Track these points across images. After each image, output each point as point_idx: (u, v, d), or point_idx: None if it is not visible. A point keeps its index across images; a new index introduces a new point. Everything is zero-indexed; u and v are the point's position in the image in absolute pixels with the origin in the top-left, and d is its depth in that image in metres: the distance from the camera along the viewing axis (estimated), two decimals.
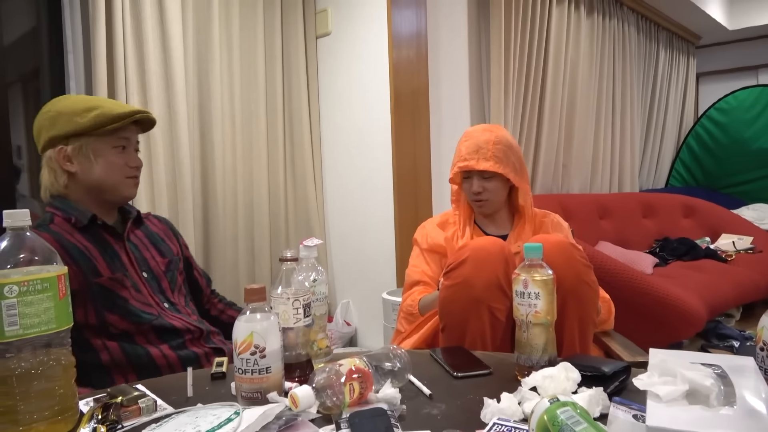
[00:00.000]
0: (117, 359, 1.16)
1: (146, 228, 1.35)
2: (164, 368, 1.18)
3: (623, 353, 1.37)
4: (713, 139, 4.73)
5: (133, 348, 1.17)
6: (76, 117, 1.17)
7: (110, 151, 1.21)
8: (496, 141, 1.48)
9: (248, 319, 0.84)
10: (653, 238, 3.78)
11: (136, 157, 1.28)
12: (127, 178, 1.25)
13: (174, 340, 1.21)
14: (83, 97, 1.24)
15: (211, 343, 1.27)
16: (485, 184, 1.50)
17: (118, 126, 1.20)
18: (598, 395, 0.79)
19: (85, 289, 1.14)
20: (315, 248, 1.04)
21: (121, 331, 1.17)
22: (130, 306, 1.18)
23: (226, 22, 2.44)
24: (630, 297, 2.27)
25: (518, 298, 0.95)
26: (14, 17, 2.06)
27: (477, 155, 1.48)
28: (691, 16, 4.57)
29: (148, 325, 1.19)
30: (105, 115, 1.18)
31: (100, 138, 1.19)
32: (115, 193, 1.25)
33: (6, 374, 0.71)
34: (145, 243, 1.31)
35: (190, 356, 1.21)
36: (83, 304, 1.14)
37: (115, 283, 1.18)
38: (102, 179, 1.21)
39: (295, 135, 2.73)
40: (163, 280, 1.29)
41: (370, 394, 0.84)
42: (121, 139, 1.23)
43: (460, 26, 2.83)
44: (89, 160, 1.19)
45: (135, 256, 1.26)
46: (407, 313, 1.49)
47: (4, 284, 0.70)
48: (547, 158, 3.30)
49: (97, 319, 1.15)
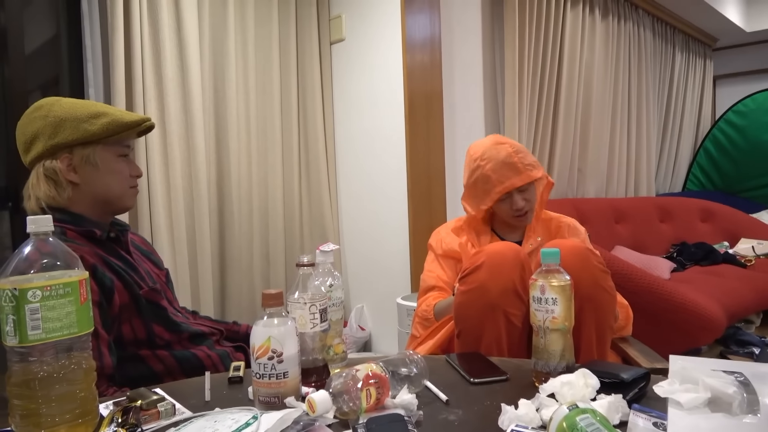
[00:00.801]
0: (170, 367, 1.14)
1: (132, 241, 1.27)
2: (211, 368, 1.15)
3: (641, 359, 1.35)
4: (731, 142, 4.67)
5: (181, 353, 1.16)
6: (83, 124, 1.10)
7: (115, 160, 1.15)
8: (517, 151, 1.46)
9: (266, 323, 0.84)
10: (670, 242, 3.73)
11: (136, 166, 1.23)
12: (131, 187, 1.20)
13: (207, 343, 1.22)
14: (83, 102, 1.14)
15: (226, 343, 1.29)
16: (525, 196, 1.48)
17: (124, 134, 1.15)
18: (618, 402, 0.78)
19: (134, 302, 1.11)
20: (331, 253, 1.04)
21: (165, 342, 1.15)
22: (170, 316, 1.17)
23: (241, 30, 2.46)
24: (648, 302, 2.24)
25: (535, 303, 0.94)
26: (35, 26, 2.10)
27: (510, 173, 1.44)
28: (707, 18, 4.52)
29: (186, 333, 1.19)
30: (116, 122, 1.12)
31: (106, 146, 1.13)
32: (119, 204, 1.18)
33: (29, 378, 0.72)
34: (140, 256, 1.26)
35: (224, 354, 1.21)
36: (129, 318, 1.10)
37: (156, 294, 1.16)
38: (108, 189, 1.14)
39: (309, 141, 2.74)
40: (167, 290, 1.28)
41: (386, 400, 0.84)
42: (125, 148, 1.18)
43: (474, 30, 2.83)
44: (96, 170, 1.12)
45: (141, 267, 1.22)
46: (422, 318, 1.49)
47: (28, 289, 0.71)
48: (562, 162, 3.28)
49: (145, 332, 1.12)
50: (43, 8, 2.15)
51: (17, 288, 0.71)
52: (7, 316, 0.71)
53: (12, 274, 0.73)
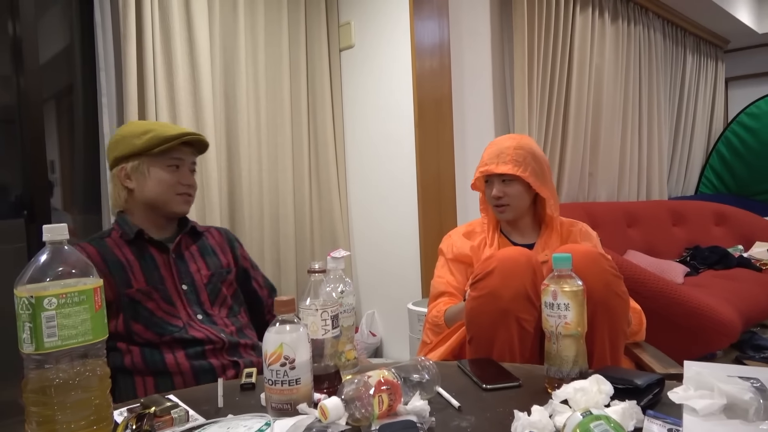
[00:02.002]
0: (137, 363, 1.23)
1: (203, 241, 1.42)
2: (175, 375, 1.22)
3: (655, 365, 1.33)
4: (744, 144, 4.62)
5: (152, 354, 1.23)
6: (134, 139, 1.31)
7: (163, 170, 1.32)
8: (517, 146, 1.49)
9: (278, 330, 0.85)
10: (683, 246, 3.70)
11: (188, 176, 1.37)
12: (178, 194, 1.34)
13: (193, 350, 1.25)
14: (144, 123, 1.40)
15: (235, 355, 1.29)
16: (505, 189, 1.50)
17: (167, 147, 1.30)
18: (632, 409, 0.77)
19: (117, 300, 1.24)
20: (342, 260, 1.04)
21: (145, 341, 1.24)
22: (155, 317, 1.25)
23: (251, 37, 2.48)
24: (661, 307, 2.22)
25: (547, 309, 0.94)
26: (50, 37, 2.13)
27: (497, 159, 1.49)
28: (718, 20, 4.49)
29: (170, 336, 1.24)
30: (157, 137, 1.30)
31: (155, 158, 1.31)
32: (166, 209, 1.34)
33: (45, 384, 0.73)
34: (195, 256, 1.38)
35: (204, 367, 1.24)
36: (115, 314, 1.23)
37: (142, 295, 1.26)
38: (155, 195, 1.32)
39: (319, 147, 2.75)
40: (202, 292, 1.34)
41: (399, 406, 0.84)
42: (174, 159, 1.33)
43: (483, 35, 2.83)
44: (144, 178, 1.31)
45: (179, 268, 1.33)
46: (433, 324, 1.48)
47: (44, 296, 0.72)
48: (572, 166, 3.27)
49: (124, 328, 1.24)
50: (57, 19, 2.19)
51: (34, 296, 0.72)
52: (24, 323, 0.72)
53: (29, 282, 0.74)
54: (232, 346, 1.29)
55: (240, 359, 1.29)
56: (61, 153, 2.18)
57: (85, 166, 2.20)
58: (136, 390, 1.22)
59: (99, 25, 2.03)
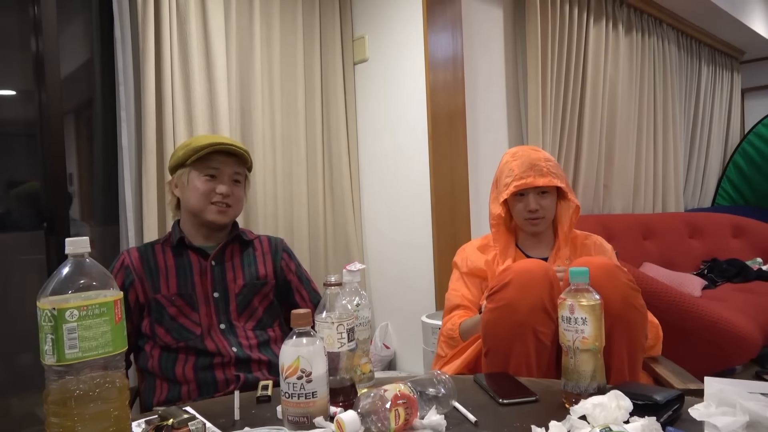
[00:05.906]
0: (155, 368, 1.29)
1: (250, 250, 1.45)
2: (182, 384, 1.27)
3: (674, 380, 1.32)
4: (762, 155, 4.56)
5: (167, 360, 1.29)
6: (179, 151, 1.40)
7: (200, 179, 1.37)
8: (547, 158, 1.50)
9: (295, 343, 0.85)
10: (701, 259, 3.65)
11: (224, 186, 1.38)
12: (212, 203, 1.37)
13: (202, 361, 1.28)
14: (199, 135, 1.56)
15: (242, 370, 1.29)
16: (541, 201, 1.49)
17: (198, 156, 1.35)
18: (652, 425, 0.76)
19: (147, 303, 1.33)
20: (358, 273, 1.05)
21: (164, 344, 1.30)
22: (175, 323, 1.31)
23: (267, 51, 2.52)
24: (679, 321, 2.19)
25: (564, 323, 0.93)
26: (71, 51, 2.18)
27: (533, 172, 1.46)
28: (733, 31, 4.46)
29: (185, 343, 1.28)
30: (192, 147, 1.36)
31: (193, 168, 1.37)
32: (201, 216, 1.38)
33: (65, 396, 0.74)
34: (235, 264, 1.40)
35: (208, 379, 1.27)
36: (146, 316, 1.32)
37: (166, 300, 1.32)
38: (191, 204, 1.37)
39: (333, 160, 2.77)
40: (231, 302, 1.36)
41: (415, 421, 0.84)
42: (210, 169, 1.37)
43: (496, 47, 2.84)
44: (185, 187, 1.38)
45: (215, 276, 1.37)
46: (447, 337, 1.48)
47: (66, 309, 0.73)
48: (587, 179, 3.25)
49: (150, 330, 1.31)
50: (78, 34, 2.24)
51: (56, 308, 0.73)
52: (47, 335, 0.73)
53: (51, 294, 0.75)
54: (242, 361, 1.30)
55: (246, 374, 1.29)
56: (79, 165, 2.22)
57: (104, 178, 2.24)
58: (155, 392, 1.28)
59: (119, 40, 2.07)
